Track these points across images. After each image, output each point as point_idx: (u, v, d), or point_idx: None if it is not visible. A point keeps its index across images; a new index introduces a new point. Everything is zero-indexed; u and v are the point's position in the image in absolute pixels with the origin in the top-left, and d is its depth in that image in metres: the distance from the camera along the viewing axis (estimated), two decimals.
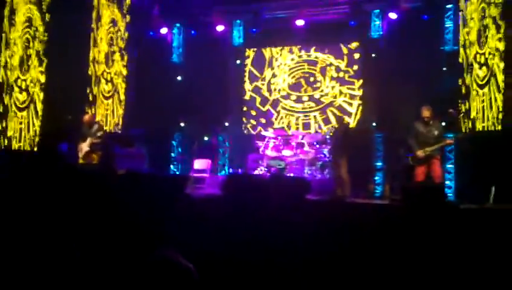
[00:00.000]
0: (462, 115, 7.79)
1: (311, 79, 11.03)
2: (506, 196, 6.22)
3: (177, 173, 10.61)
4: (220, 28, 10.84)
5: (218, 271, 2.40)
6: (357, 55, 10.75)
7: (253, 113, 11.38)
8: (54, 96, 9.00)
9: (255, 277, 2.69)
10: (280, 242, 3.19)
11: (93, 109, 9.49)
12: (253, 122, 11.34)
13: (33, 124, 9.38)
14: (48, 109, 9.26)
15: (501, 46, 6.68)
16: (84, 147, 7.34)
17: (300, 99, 11.07)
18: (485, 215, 5.11)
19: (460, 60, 7.96)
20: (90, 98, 9.52)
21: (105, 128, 9.17)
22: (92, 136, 7.37)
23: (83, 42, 9.50)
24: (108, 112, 9.98)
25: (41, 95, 9.42)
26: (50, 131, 8.79)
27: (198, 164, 10.18)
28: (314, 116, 10.92)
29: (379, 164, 9.41)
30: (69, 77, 9.00)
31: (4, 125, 9.47)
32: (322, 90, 10.93)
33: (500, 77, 6.67)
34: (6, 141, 9.42)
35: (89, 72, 9.60)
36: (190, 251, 2.40)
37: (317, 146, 9.90)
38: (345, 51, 10.85)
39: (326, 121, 10.77)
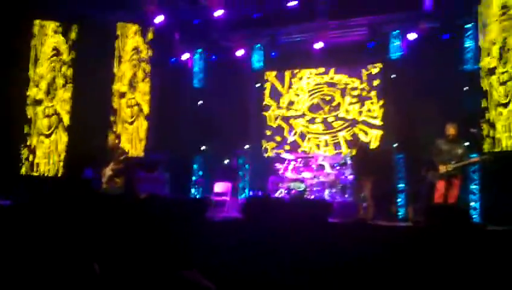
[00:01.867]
0: (485, 134, 7.67)
1: (332, 102, 11.04)
2: None
3: (198, 196, 10.66)
4: (239, 52, 11.02)
5: None
6: (376, 76, 10.74)
7: (269, 133, 11.38)
8: (79, 123, 9.26)
9: None
10: (302, 265, 3.17)
11: (115, 130, 9.72)
12: (274, 144, 11.37)
13: (57, 149, 9.67)
14: (73, 135, 9.53)
15: None
16: (107, 171, 7.46)
17: (317, 120, 11.07)
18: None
19: (482, 86, 7.86)
20: (112, 119, 9.78)
21: (128, 152, 9.34)
22: (115, 161, 7.49)
23: (108, 67, 9.83)
24: (131, 136, 10.19)
25: (67, 120, 9.73)
26: (75, 156, 9.02)
27: (219, 187, 10.22)
28: (343, 136, 10.83)
29: (401, 185, 9.29)
30: (93, 104, 9.29)
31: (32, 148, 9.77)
32: (342, 112, 10.92)
33: None
34: (34, 166, 9.71)
35: (113, 102, 9.90)
36: (212, 273, 2.41)
37: (338, 168, 9.83)
38: (364, 72, 10.86)
39: (340, 144, 10.73)
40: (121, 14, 10.12)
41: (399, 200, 9.19)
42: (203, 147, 11.00)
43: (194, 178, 10.93)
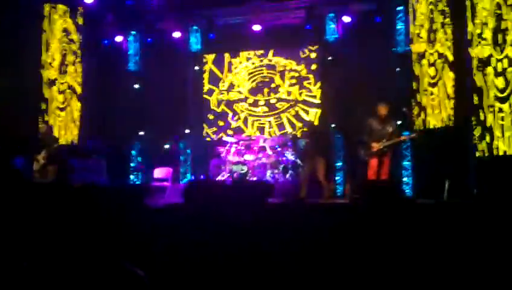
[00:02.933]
0: (415, 113, 8.06)
1: (271, 84, 11.13)
2: (459, 189, 6.47)
3: (137, 182, 10.43)
4: (176, 34, 10.77)
5: (183, 279, 2.38)
6: (314, 59, 10.92)
7: (211, 117, 11.33)
8: (5, 107, 8.65)
9: (219, 283, 2.68)
10: (243, 247, 3.18)
11: (46, 117, 9.19)
12: (215, 128, 11.31)
13: None
14: (1, 123, 8.91)
15: (449, 53, 6.95)
16: (40, 159, 7.11)
17: (258, 104, 11.13)
18: (440, 209, 5.29)
19: (412, 51, 8.21)
20: (43, 107, 9.22)
21: (61, 140, 8.91)
22: (48, 149, 7.14)
23: (34, 51, 9.22)
24: (64, 123, 9.71)
25: None
26: (3, 145, 8.45)
27: (159, 172, 10.04)
28: (269, 122, 11.02)
29: (339, 163, 9.59)
30: (20, 86, 8.69)
31: None
32: (281, 94, 11.05)
33: (449, 76, 6.95)
34: None
35: (42, 85, 9.32)
36: (151, 260, 2.36)
37: (279, 149, 9.99)
38: (302, 54, 11.00)
39: (284, 125, 10.90)
40: None
41: (337, 178, 9.50)
42: (141, 133, 10.72)
43: (132, 165, 10.66)
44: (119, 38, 10.87)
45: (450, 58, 6.95)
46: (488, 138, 5.77)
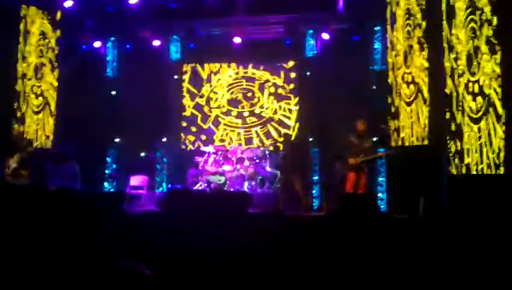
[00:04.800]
0: (392, 131, 8.24)
1: (250, 95, 11.20)
2: (432, 206, 6.62)
3: (112, 190, 10.26)
4: (156, 42, 10.74)
5: (164, 283, 2.36)
6: (293, 74, 11.06)
7: (194, 129, 11.31)
8: None
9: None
10: (221, 255, 3.18)
11: (21, 128, 8.98)
12: (192, 137, 11.27)
13: None
14: None
15: (425, 63, 7.17)
16: (12, 163, 6.92)
17: (241, 115, 11.18)
18: (415, 224, 5.40)
19: (389, 81, 8.44)
20: (19, 114, 9.01)
21: (35, 143, 8.69)
22: (21, 152, 6.96)
23: (10, 55, 9.01)
24: (38, 126, 9.49)
25: None
26: None
27: (135, 180, 9.92)
28: (256, 131, 11.05)
29: (315, 177, 9.69)
30: None
31: None
32: (261, 106, 11.11)
33: (426, 94, 7.15)
34: None
35: (17, 88, 9.11)
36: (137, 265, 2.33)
37: (257, 161, 10.02)
38: (281, 69, 11.13)
39: (267, 136, 10.96)
40: None
41: (314, 191, 9.58)
42: (117, 139, 10.58)
43: (107, 171, 10.48)
44: (97, 44, 10.76)
45: (426, 73, 7.16)
46: (462, 157, 5.95)
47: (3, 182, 6.33)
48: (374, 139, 8.01)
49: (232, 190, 9.55)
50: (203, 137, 11.14)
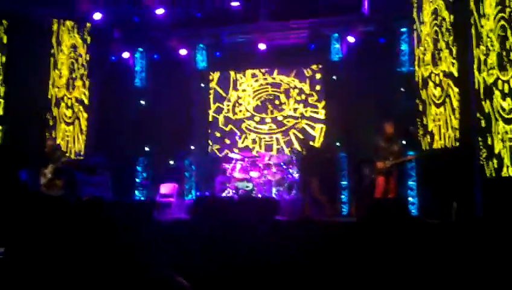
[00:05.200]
0: (421, 133, 8.08)
1: (276, 102, 11.19)
2: (465, 210, 6.45)
3: (142, 198, 10.42)
4: (182, 51, 10.90)
5: None
6: (318, 78, 11.00)
7: (218, 135, 11.39)
8: (13, 122, 8.71)
9: None
10: (250, 263, 3.18)
11: (54, 134, 9.25)
12: (218, 146, 11.34)
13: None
14: (8, 137, 8.94)
15: (454, 69, 7.01)
16: (47, 173, 7.12)
17: (265, 121, 11.19)
18: (450, 229, 5.26)
19: (416, 78, 8.29)
20: (51, 123, 9.30)
21: (67, 154, 8.93)
22: (55, 163, 7.16)
23: (43, 66, 9.32)
24: (69, 138, 9.76)
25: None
26: (9, 157, 8.47)
27: (165, 188, 10.05)
28: (276, 138, 11.05)
29: (344, 182, 9.59)
30: (29, 101, 8.78)
31: None
32: (286, 112, 11.10)
33: (455, 97, 6.99)
34: None
35: (49, 96, 9.41)
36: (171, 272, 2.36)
37: (284, 167, 10.00)
38: (307, 73, 11.09)
39: (290, 143, 10.92)
40: (57, 10, 9.65)
41: (342, 197, 9.49)
42: (146, 148, 10.76)
43: (137, 180, 10.66)
44: (126, 55, 10.99)
45: (456, 74, 6.99)
46: (495, 161, 5.78)
47: (40, 194, 6.53)
48: (403, 142, 7.88)
49: (259, 196, 9.56)
50: (227, 141, 11.18)
